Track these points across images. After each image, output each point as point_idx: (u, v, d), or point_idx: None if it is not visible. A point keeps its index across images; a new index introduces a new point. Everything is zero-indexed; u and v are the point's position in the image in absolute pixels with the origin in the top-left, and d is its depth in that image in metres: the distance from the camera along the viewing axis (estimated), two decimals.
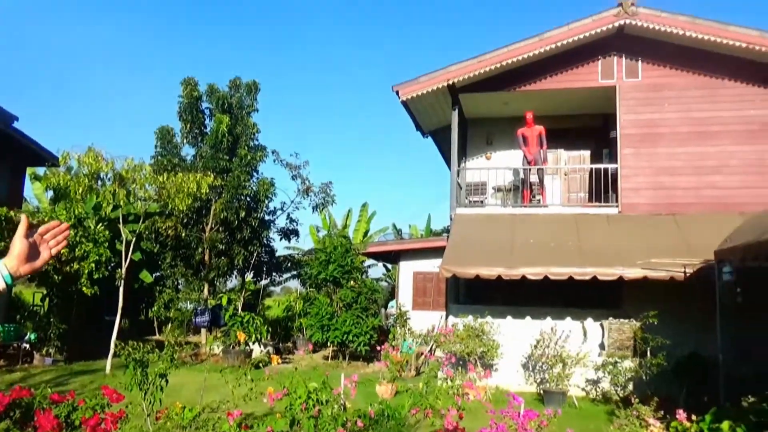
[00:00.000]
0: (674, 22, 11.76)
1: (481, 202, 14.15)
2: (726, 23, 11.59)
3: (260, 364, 10.22)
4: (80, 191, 12.54)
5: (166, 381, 4.69)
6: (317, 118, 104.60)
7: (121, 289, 12.91)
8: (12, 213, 12.57)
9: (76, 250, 13.05)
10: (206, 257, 17.32)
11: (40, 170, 20.31)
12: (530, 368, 11.54)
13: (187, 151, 18.54)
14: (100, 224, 14.55)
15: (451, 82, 12.69)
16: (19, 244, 1.49)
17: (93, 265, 12.95)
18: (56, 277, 13.40)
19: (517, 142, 13.44)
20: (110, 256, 13.59)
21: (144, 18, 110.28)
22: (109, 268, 13.76)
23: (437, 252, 13.60)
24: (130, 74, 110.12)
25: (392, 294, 21.95)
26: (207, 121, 18.47)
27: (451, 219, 13.19)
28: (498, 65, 12.37)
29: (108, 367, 11.99)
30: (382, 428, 4.19)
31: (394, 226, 29.65)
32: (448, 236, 13.35)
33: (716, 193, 11.89)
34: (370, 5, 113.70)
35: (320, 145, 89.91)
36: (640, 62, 12.61)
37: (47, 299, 15.53)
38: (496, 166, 14.12)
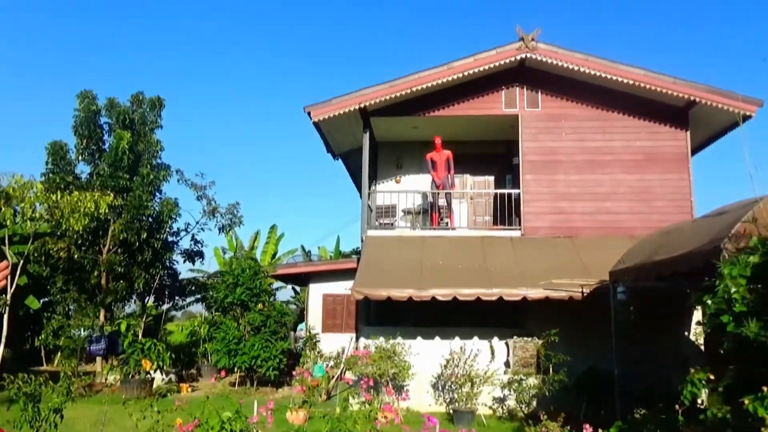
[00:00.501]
0: (570, 59, 12.61)
1: (392, 224, 14.32)
2: (616, 62, 12.57)
3: (167, 394, 9.69)
4: None
5: (62, 416, 4.32)
6: (225, 139, 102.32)
7: (5, 317, 11.85)
8: None
9: None
10: (103, 281, 16.29)
11: None
12: (440, 388, 11.71)
13: (83, 169, 17.43)
14: None
15: (362, 106, 12.84)
16: None
17: None
18: None
19: (426, 166, 13.77)
20: None
21: (35, 27, 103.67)
22: None
23: (347, 274, 13.60)
24: (15, 83, 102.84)
25: (301, 317, 21.60)
26: (106, 137, 17.47)
27: (362, 241, 13.25)
28: (408, 90, 12.68)
29: None
30: None
31: (303, 248, 29.34)
32: (358, 258, 13.39)
33: (609, 218, 12.75)
34: (280, 26, 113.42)
35: (228, 166, 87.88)
36: (540, 93, 13.37)
37: None
38: (405, 190, 14.38)
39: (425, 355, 11.68)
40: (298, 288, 25.05)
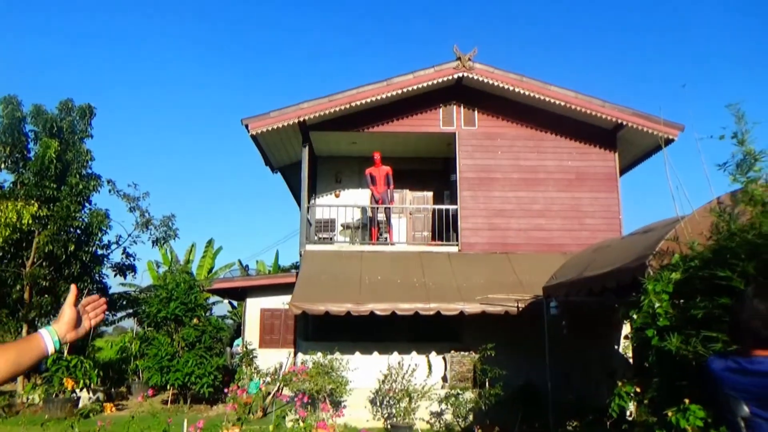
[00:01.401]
0: (505, 79, 13.00)
1: (331, 238, 14.27)
2: (548, 83, 13.05)
3: (90, 414, 9.25)
4: None
5: None
6: (161, 151, 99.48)
7: None
8: None
9: None
10: (26, 295, 15.44)
11: None
12: (378, 403, 11.68)
13: (5, 177, 16.52)
14: None
15: (302, 119, 12.80)
16: (68, 311, 1.64)
17: None
18: None
19: (365, 181, 13.83)
20: None
21: None
22: None
23: (286, 288, 13.44)
24: None
25: (238, 332, 21.16)
26: (31, 145, 16.64)
27: (300, 255, 13.13)
28: (348, 105, 12.73)
29: None
30: None
31: (240, 262, 28.80)
32: (297, 272, 13.25)
33: (542, 235, 13.14)
34: (220, 33, 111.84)
35: (164, 179, 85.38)
36: (476, 112, 13.70)
37: None
38: (344, 204, 14.38)
39: (363, 371, 11.64)
40: (235, 303, 24.54)
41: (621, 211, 13.31)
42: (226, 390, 11.05)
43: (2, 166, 16.26)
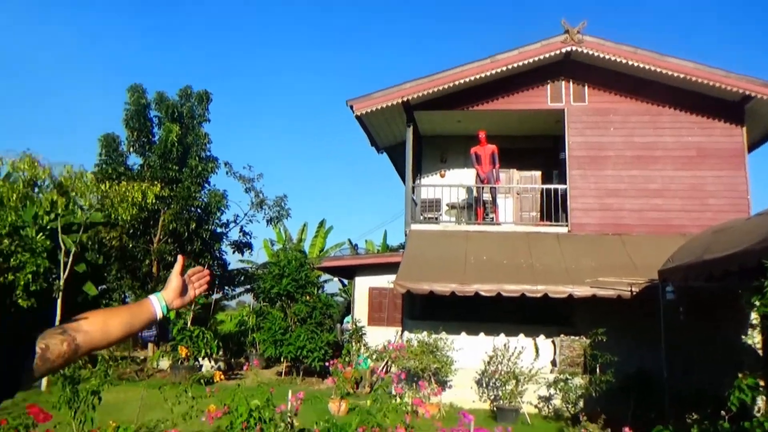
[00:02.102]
0: (617, 51, 12.20)
1: (436, 218, 14.23)
2: (664, 54, 12.09)
3: (202, 380, 9.88)
4: (15, 198, 11.98)
5: (99, 398, 4.45)
6: (273, 132, 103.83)
7: (59, 302, 12.38)
8: None
9: (11, 260, 12.45)
10: (154, 269, 16.83)
11: None
12: (484, 385, 11.57)
13: (134, 160, 18.03)
14: (41, 234, 13.97)
15: (405, 99, 12.77)
16: (175, 280, 1.71)
17: (30, 276, 12.37)
18: None
19: (470, 160, 13.60)
20: (50, 266, 13.03)
21: (90, 20, 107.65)
22: (50, 279, 13.19)
23: (393, 267, 13.57)
24: (71, 79, 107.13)
25: (348, 309, 21.75)
26: (155, 130, 18.00)
27: (405, 235, 13.20)
28: (451, 84, 12.53)
29: (43, 384, 11.44)
30: None
31: (350, 241, 29.51)
32: (403, 252, 13.35)
33: (659, 216, 12.29)
34: (326, 19, 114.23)
35: (276, 159, 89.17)
36: (586, 87, 13.00)
37: None
38: (450, 184, 14.24)
39: (468, 351, 11.55)
40: (345, 281, 25.24)
41: (749, 191, 12.14)
42: (329, 363, 11.39)
43: (131, 149, 17.79)
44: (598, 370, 10.29)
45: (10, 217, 13.22)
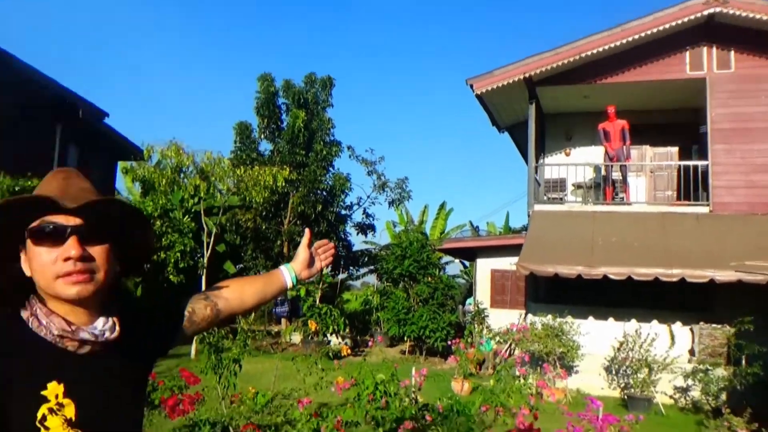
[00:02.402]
0: None
1: (561, 199, 13.72)
2: None
3: (330, 354, 10.38)
4: (164, 183, 13.20)
5: (240, 366, 4.83)
6: (393, 114, 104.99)
7: (203, 278, 13.50)
8: None
9: (163, 239, 13.75)
10: (285, 249, 17.79)
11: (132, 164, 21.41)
12: (613, 372, 11.09)
13: (265, 146, 19.08)
14: (186, 216, 15.26)
15: (527, 75, 12.35)
16: (303, 252, 1.78)
17: (179, 254, 13.61)
18: (146, 266, 14.14)
19: (598, 138, 12.93)
20: (195, 246, 14.23)
21: (222, 16, 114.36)
22: (195, 258, 14.41)
23: (515, 249, 13.30)
24: (208, 70, 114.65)
25: (470, 291, 21.69)
26: (283, 116, 18.90)
27: (528, 216, 12.88)
28: (577, 57, 11.92)
29: (192, 352, 12.56)
30: (451, 424, 4.13)
31: (471, 223, 29.29)
32: (526, 233, 13.06)
33: None
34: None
35: (397, 142, 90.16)
36: (732, 52, 11.82)
37: (140, 286, 16.44)
38: (575, 162, 13.63)
39: (596, 336, 11.11)
40: (466, 263, 25.16)
41: None
42: (453, 342, 11.44)
43: (261, 136, 18.85)
44: (744, 361, 9.48)
45: (161, 201, 14.56)
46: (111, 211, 1.24)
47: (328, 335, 14.64)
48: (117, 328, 1.25)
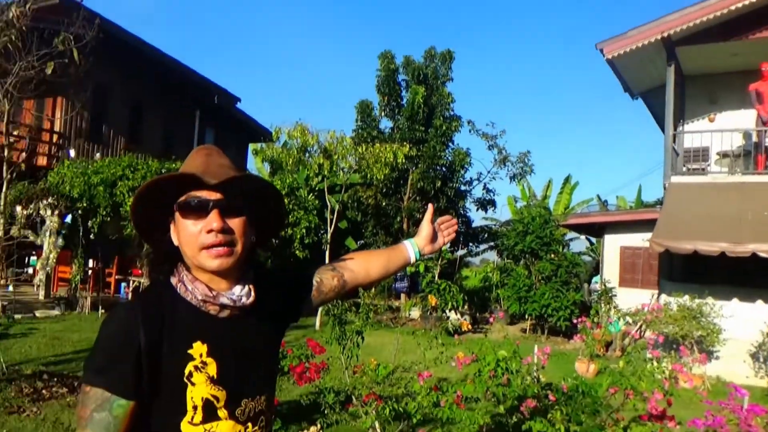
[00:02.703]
0: None
1: (703, 169, 12.57)
2: None
3: (450, 329, 10.34)
4: (291, 163, 13.77)
5: (362, 338, 4.91)
6: (514, 87, 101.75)
7: (327, 254, 13.96)
8: None
9: (290, 216, 14.38)
10: (404, 226, 17.93)
11: (262, 145, 22.53)
12: (761, 359, 10.10)
13: (385, 124, 19.23)
14: (311, 194, 15.83)
15: (665, 35, 11.32)
16: (426, 227, 1.79)
17: (304, 230, 14.18)
18: (274, 241, 14.89)
19: (749, 100, 11.62)
20: (319, 223, 14.73)
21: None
22: (319, 234, 14.94)
23: (648, 225, 12.43)
24: (332, 52, 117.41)
25: (596, 269, 20.72)
26: (403, 93, 18.91)
27: (664, 188, 11.95)
28: (725, 11, 10.72)
29: (317, 324, 13.09)
30: (576, 405, 3.92)
31: (599, 197, 27.83)
32: (661, 207, 12.14)
33: None
34: None
35: (519, 113, 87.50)
36: None
37: (269, 260, 17.36)
38: (720, 129, 12.38)
39: (741, 320, 10.13)
40: (593, 239, 24.00)
41: None
42: (578, 321, 10.95)
43: (382, 114, 19.02)
44: None
45: (288, 179, 15.22)
46: (248, 186, 1.34)
47: (447, 311, 14.61)
48: (252, 294, 1.35)
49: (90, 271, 14.18)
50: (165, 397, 1.23)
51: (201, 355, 1.26)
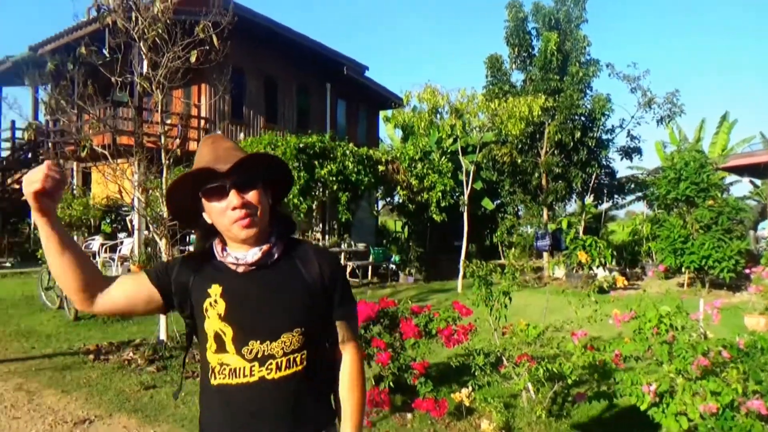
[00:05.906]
0: None
1: None
2: None
3: (603, 287, 9.84)
4: (422, 126, 13.73)
5: (510, 299, 4.82)
6: (656, 19, 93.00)
7: (465, 216, 13.87)
8: (371, 152, 14.47)
9: (425, 181, 14.43)
10: (543, 182, 17.28)
11: (390, 112, 22.78)
12: None
13: (517, 77, 18.47)
14: (443, 157, 15.75)
15: None
16: None
17: (440, 194, 14.19)
18: (411, 207, 15.08)
19: None
20: (453, 185, 14.65)
21: None
22: (454, 197, 14.87)
23: None
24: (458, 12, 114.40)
25: (762, 214, 18.74)
26: (534, 42, 18.01)
27: None
28: None
29: (459, 287, 13.13)
30: (755, 363, 3.56)
31: (762, 134, 24.96)
32: None
33: None
34: None
35: (662, 51, 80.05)
36: None
37: (406, 227, 17.65)
38: None
39: None
40: (758, 181, 21.65)
41: None
42: (750, 270, 9.95)
43: (513, 66, 18.29)
44: None
45: (421, 142, 15.27)
46: (254, 161, 1.59)
47: (594, 268, 13.97)
48: (274, 253, 1.63)
49: None
50: (198, 326, 1.63)
51: (215, 295, 1.59)
